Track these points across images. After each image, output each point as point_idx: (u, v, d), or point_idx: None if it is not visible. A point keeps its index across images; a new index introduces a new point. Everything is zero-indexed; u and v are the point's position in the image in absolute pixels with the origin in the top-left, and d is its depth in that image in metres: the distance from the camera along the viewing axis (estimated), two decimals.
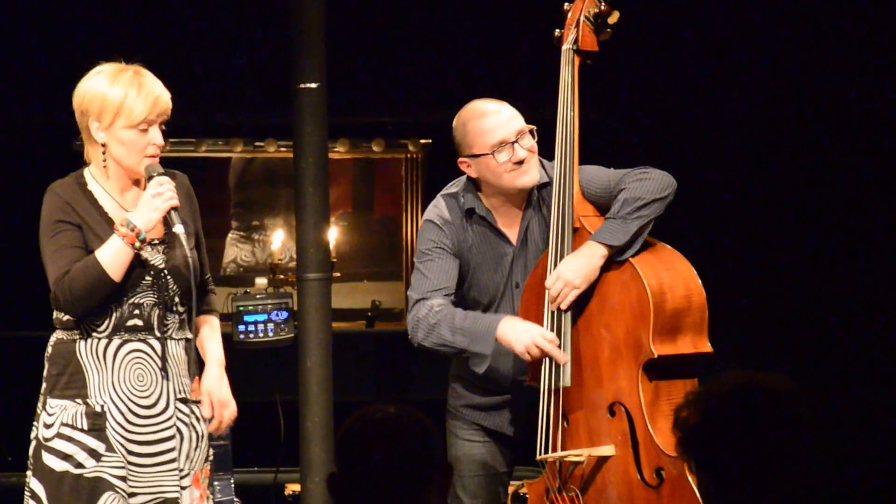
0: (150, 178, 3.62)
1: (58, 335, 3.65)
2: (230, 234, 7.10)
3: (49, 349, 3.66)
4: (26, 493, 3.65)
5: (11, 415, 5.08)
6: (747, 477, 2.24)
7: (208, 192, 6.92)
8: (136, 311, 3.61)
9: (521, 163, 3.91)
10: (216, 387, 3.73)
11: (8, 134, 6.80)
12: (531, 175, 3.94)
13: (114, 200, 3.65)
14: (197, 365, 3.74)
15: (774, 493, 2.24)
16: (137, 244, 3.55)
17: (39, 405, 3.64)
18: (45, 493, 3.60)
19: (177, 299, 3.65)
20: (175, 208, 3.59)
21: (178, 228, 3.58)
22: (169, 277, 3.63)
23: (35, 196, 3.78)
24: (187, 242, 3.62)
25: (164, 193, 3.58)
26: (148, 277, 3.62)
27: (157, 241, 3.65)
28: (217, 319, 3.86)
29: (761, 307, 6.37)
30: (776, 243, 6.41)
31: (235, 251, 7.09)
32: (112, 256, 3.54)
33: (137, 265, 3.60)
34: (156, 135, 3.62)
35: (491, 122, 3.93)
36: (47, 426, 3.61)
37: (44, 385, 3.66)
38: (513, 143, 3.91)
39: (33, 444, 3.65)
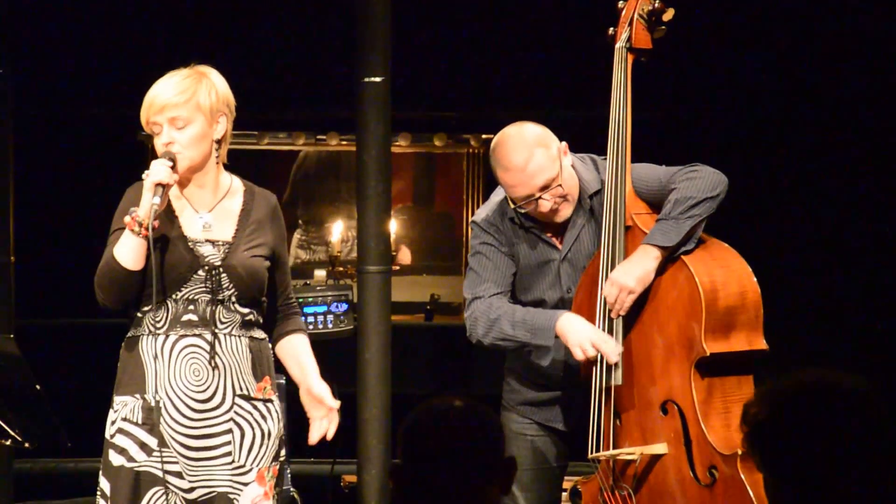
0: None
1: (128, 333, 3.69)
2: (296, 234, 7.13)
3: (121, 348, 3.71)
4: (98, 493, 3.67)
5: (76, 402, 5.18)
6: (815, 477, 2.18)
7: (271, 184, 6.98)
8: (191, 307, 3.62)
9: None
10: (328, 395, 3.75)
11: (77, 127, 6.91)
12: (561, 215, 3.91)
13: (178, 196, 3.68)
14: (270, 366, 3.74)
15: (844, 494, 2.17)
16: (137, 229, 3.53)
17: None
18: (110, 488, 3.63)
19: (234, 298, 3.64)
20: (162, 184, 3.53)
21: (155, 199, 3.51)
22: (224, 275, 3.63)
23: (108, 186, 3.83)
24: (156, 217, 3.52)
25: (151, 174, 3.56)
26: (201, 272, 3.62)
27: (220, 242, 3.67)
28: (306, 338, 3.82)
29: (822, 304, 6.34)
30: (837, 240, 6.38)
31: (297, 245, 7.13)
32: (121, 244, 3.58)
33: (190, 259, 3.62)
34: (163, 138, 3.61)
35: (513, 179, 3.87)
36: (112, 423, 3.65)
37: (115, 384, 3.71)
38: (537, 198, 3.87)
39: (105, 443, 3.67)
